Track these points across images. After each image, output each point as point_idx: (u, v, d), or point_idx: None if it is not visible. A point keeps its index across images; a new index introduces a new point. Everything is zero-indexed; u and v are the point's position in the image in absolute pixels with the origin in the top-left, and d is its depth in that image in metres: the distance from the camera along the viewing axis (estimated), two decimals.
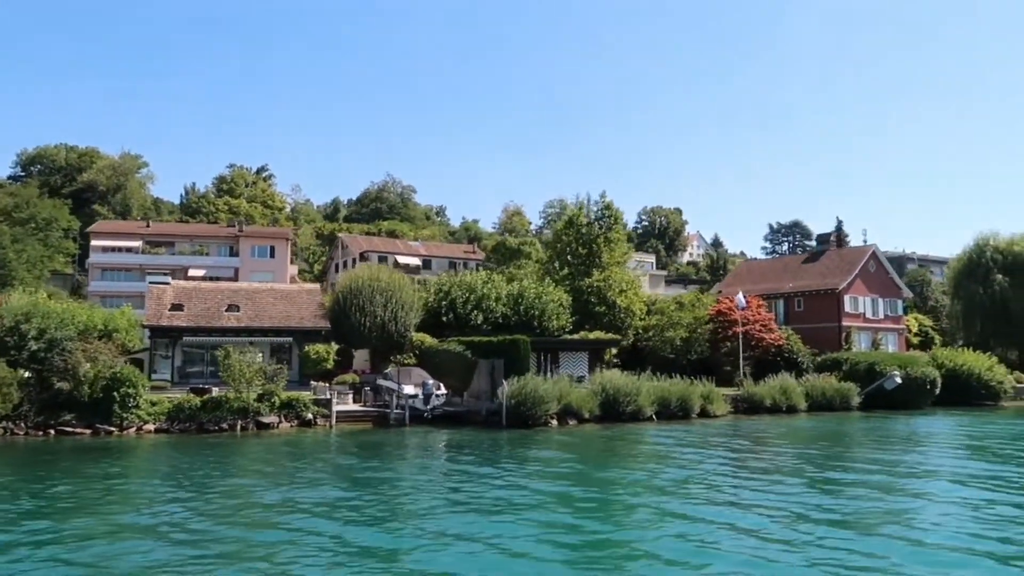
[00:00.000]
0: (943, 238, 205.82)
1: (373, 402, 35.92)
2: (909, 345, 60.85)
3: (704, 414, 37.46)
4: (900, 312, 56.77)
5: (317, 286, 45.28)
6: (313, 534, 13.80)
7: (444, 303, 45.32)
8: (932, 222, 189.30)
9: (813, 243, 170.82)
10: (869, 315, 54.24)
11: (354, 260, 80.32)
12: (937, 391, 45.51)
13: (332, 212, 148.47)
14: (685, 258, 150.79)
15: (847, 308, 52.97)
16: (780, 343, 48.82)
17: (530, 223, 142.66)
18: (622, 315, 52.52)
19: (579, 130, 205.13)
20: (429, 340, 41.46)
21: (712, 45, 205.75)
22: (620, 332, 52.98)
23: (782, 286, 56.79)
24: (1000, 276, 59.85)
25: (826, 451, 27.17)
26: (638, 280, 56.29)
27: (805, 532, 13.87)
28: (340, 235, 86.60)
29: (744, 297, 46.14)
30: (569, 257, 54.52)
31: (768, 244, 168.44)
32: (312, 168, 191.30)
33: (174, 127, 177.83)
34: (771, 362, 47.70)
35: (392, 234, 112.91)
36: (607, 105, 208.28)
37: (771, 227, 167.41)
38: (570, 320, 48.30)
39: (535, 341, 42.04)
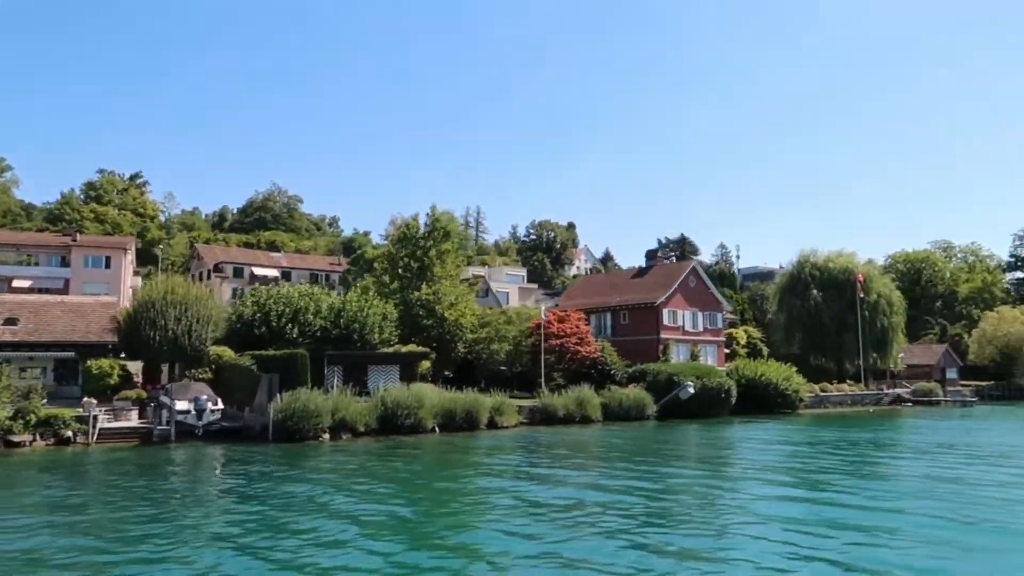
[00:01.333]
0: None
1: (154, 418, 35.31)
2: (734, 356, 64.03)
3: (493, 425, 38.43)
4: (720, 325, 59.76)
5: (113, 299, 44.17)
6: None
7: (258, 316, 45.01)
8: (822, 237, 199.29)
9: (699, 258, 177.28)
10: (689, 328, 56.87)
11: (208, 272, 78.72)
12: (733, 400, 48.05)
13: (218, 221, 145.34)
14: (572, 271, 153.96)
15: (666, 321, 55.41)
16: (595, 355, 50.58)
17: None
18: (452, 328, 53.40)
19: (479, 143, 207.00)
20: (228, 354, 41.06)
21: (611, 62, 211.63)
22: (450, 345, 53.87)
23: (611, 300, 58.95)
24: (816, 291, 63.96)
25: (550, 457, 28.51)
26: (471, 293, 57.21)
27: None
28: (196, 246, 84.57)
29: (546, 311, 47.65)
30: (400, 270, 55.09)
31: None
32: (204, 176, 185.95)
33: (50, 130, 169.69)
34: (586, 374, 49.43)
35: (272, 245, 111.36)
36: (505, 118, 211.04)
37: (659, 242, 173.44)
38: (395, 333, 48.67)
39: (341, 354, 42.33)
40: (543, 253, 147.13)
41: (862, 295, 62.02)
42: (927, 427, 42.83)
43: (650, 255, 62.90)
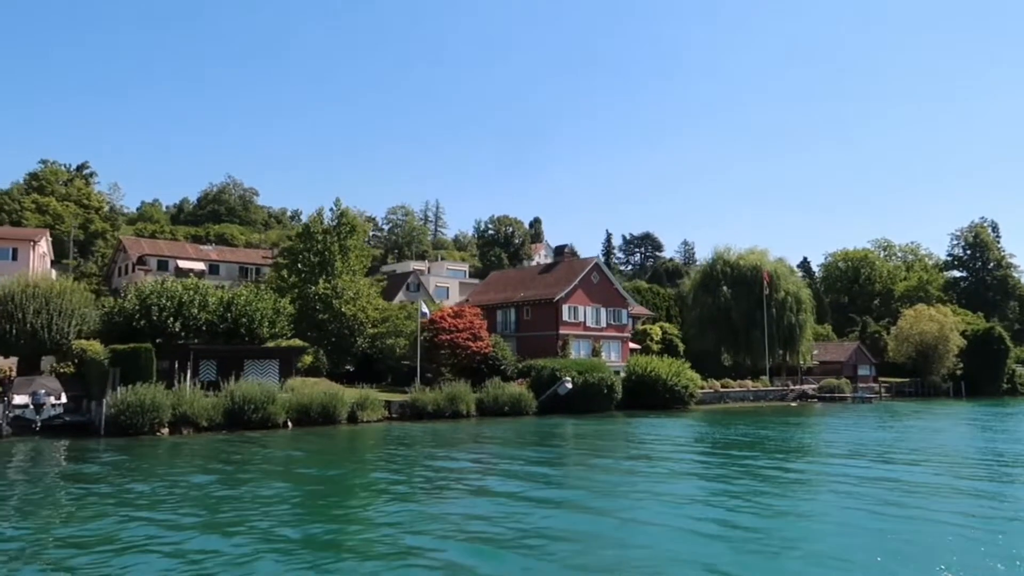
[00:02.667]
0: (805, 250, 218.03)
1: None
2: (648, 352, 64.09)
3: (354, 420, 38.40)
4: (624, 321, 59.87)
5: None
6: None
7: (138, 310, 44.78)
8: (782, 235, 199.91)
9: (663, 254, 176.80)
10: (590, 324, 56.96)
11: (132, 265, 78.15)
12: (618, 395, 48.15)
13: (177, 214, 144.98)
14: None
15: (565, 317, 55.51)
16: (487, 351, 50.64)
17: (382, 230, 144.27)
18: (351, 323, 53.36)
19: (447, 137, 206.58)
20: (95, 348, 40.82)
21: (581, 61, 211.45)
22: (349, 340, 53.84)
23: (516, 295, 59.00)
24: (726, 288, 64.22)
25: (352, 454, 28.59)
26: (373, 287, 57.13)
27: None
28: (122, 238, 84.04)
29: (426, 307, 47.72)
30: (299, 265, 55.00)
31: (621, 255, 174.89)
32: (168, 168, 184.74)
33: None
34: (476, 369, 49.53)
35: (221, 238, 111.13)
36: (475, 114, 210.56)
37: (623, 237, 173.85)
38: (289, 328, 48.56)
39: (209, 348, 42.24)
40: (500, 248, 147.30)
41: (767, 292, 62.36)
42: (795, 423, 43.09)
43: (557, 251, 62.73)
